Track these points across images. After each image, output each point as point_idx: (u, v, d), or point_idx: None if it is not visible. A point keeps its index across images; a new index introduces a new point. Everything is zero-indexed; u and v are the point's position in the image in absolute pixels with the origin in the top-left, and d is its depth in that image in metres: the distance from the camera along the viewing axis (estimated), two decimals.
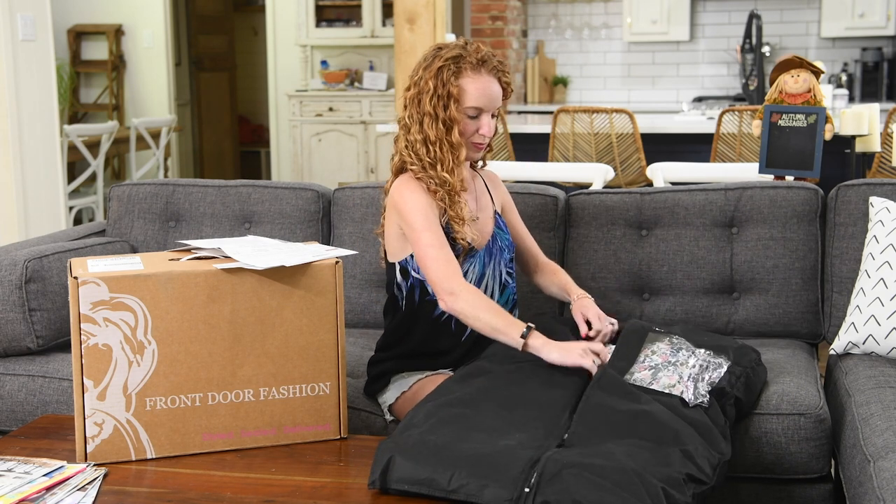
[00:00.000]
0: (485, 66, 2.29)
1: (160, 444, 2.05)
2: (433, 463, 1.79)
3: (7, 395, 2.61)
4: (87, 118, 8.47)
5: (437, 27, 5.65)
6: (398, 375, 2.34)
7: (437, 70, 2.28)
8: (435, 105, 2.28)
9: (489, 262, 2.38)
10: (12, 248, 2.83)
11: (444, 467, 1.77)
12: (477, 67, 2.29)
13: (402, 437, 1.88)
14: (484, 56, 2.30)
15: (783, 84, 3.21)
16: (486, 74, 2.29)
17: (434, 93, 2.28)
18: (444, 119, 2.28)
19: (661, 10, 7.96)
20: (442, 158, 2.30)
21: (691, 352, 2.20)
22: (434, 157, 2.29)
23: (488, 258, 2.38)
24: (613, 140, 5.28)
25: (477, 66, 2.29)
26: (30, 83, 4.73)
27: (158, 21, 8.25)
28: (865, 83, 7.60)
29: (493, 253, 2.38)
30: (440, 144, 2.29)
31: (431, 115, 2.29)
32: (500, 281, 2.39)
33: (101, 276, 1.98)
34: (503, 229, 2.45)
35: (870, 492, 1.85)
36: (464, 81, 2.28)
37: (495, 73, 2.31)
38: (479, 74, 2.29)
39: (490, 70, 2.30)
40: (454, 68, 2.28)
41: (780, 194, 2.78)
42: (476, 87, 2.28)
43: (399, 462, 1.81)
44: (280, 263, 2.07)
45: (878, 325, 2.43)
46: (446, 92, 2.27)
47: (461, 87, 2.28)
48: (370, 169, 7.83)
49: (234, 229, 3.03)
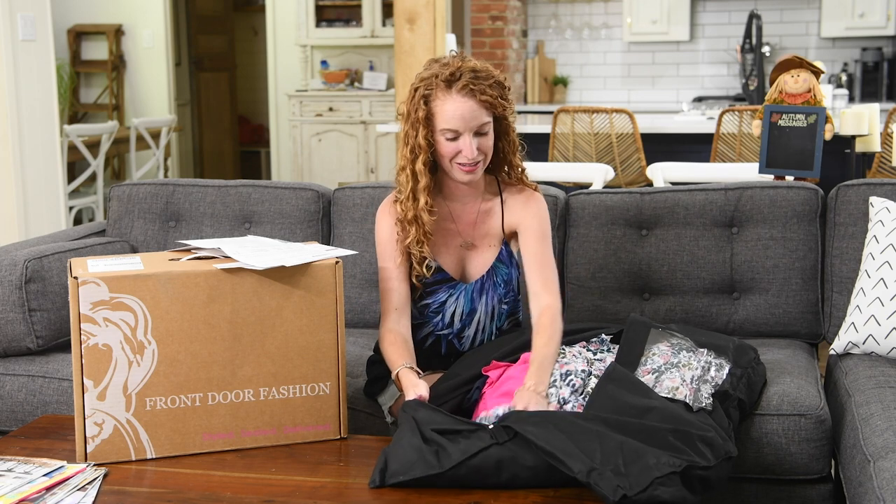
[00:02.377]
0: (455, 86, 2.15)
1: (160, 444, 2.05)
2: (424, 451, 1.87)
3: (7, 395, 2.61)
4: (87, 118, 8.47)
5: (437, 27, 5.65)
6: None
7: (412, 92, 2.20)
8: (408, 130, 2.21)
9: (479, 297, 2.32)
10: (12, 248, 2.83)
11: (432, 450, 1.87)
12: (446, 88, 2.16)
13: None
14: (454, 73, 2.16)
15: (783, 84, 3.22)
16: (456, 94, 2.15)
17: (407, 117, 2.21)
18: (413, 146, 2.20)
19: (661, 10, 7.96)
20: (403, 186, 2.24)
21: (692, 352, 2.20)
22: (399, 184, 2.26)
23: (478, 294, 2.32)
24: (613, 140, 5.28)
25: (446, 86, 2.16)
26: (30, 83, 4.73)
27: (158, 21, 8.25)
28: (865, 83, 7.60)
29: (485, 288, 2.32)
30: (403, 172, 2.24)
31: (404, 141, 2.22)
32: (492, 315, 2.34)
33: (101, 276, 1.98)
34: (505, 262, 2.33)
35: (870, 492, 1.85)
36: (435, 104, 2.18)
37: (469, 93, 2.15)
38: (449, 95, 2.16)
39: (461, 89, 2.15)
40: (424, 91, 2.19)
41: (780, 194, 2.78)
42: (447, 109, 2.16)
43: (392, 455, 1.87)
44: (280, 263, 2.07)
45: (878, 325, 2.43)
46: (417, 116, 2.18)
47: (430, 109, 2.18)
48: (370, 169, 7.83)
49: (234, 229, 3.03)
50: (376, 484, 1.85)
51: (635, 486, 1.72)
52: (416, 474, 1.84)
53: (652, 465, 1.76)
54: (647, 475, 1.74)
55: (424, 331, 2.34)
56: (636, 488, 1.72)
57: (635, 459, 1.77)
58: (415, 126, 2.19)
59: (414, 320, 2.31)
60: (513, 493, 1.82)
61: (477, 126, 2.18)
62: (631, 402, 1.95)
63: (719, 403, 2.06)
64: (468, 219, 2.33)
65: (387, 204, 2.33)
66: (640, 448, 1.80)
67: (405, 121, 2.22)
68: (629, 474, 1.74)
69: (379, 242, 2.32)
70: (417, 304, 2.32)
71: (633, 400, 1.96)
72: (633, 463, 1.76)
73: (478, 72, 2.17)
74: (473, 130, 2.18)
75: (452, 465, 1.83)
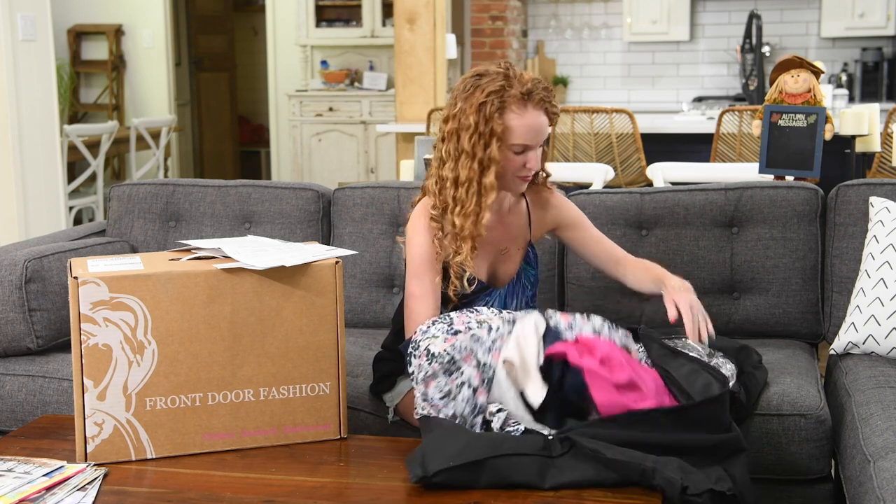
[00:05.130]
0: (531, 100, 2.13)
1: (160, 444, 2.05)
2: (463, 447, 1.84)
3: (7, 395, 2.61)
4: (87, 118, 8.47)
5: (437, 27, 5.65)
6: (403, 376, 2.34)
7: (478, 105, 2.11)
8: (475, 143, 2.12)
9: (511, 301, 2.32)
10: (12, 248, 2.83)
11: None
12: (523, 102, 2.12)
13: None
14: (530, 87, 2.12)
15: (783, 84, 3.21)
16: (532, 109, 2.13)
17: (475, 130, 2.12)
18: (482, 158, 2.12)
19: (661, 10, 7.96)
20: (465, 201, 2.14)
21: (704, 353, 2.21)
22: (456, 199, 2.15)
23: (511, 298, 2.32)
24: (613, 140, 5.28)
25: (523, 100, 2.12)
26: (30, 83, 4.73)
27: (158, 21, 8.25)
28: (865, 83, 7.60)
29: (515, 292, 2.32)
30: (468, 186, 2.14)
31: (469, 154, 2.13)
32: None
33: (101, 276, 1.98)
34: (531, 264, 2.35)
35: (870, 492, 1.85)
36: (508, 117, 2.12)
37: (542, 105, 2.14)
38: (525, 109, 2.12)
39: (537, 103, 2.13)
40: (498, 104, 2.11)
41: (780, 194, 2.78)
42: (522, 124, 2.12)
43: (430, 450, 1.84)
44: (280, 263, 2.07)
45: (878, 325, 2.43)
46: (489, 130, 2.10)
47: (505, 124, 2.12)
48: (370, 169, 7.84)
49: (234, 229, 3.03)
50: (419, 476, 1.80)
51: (699, 485, 1.76)
52: (467, 458, 1.80)
53: (706, 478, 1.79)
54: (704, 483, 1.77)
55: None
56: (700, 487, 1.76)
57: (691, 472, 1.80)
58: (484, 138, 2.11)
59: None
60: (513, 493, 1.82)
61: (543, 139, 2.18)
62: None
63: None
64: (499, 226, 2.31)
65: (422, 217, 2.20)
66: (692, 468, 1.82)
67: (467, 132, 2.12)
68: (688, 477, 1.77)
69: (418, 258, 2.17)
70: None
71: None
72: (691, 474, 1.79)
73: (544, 84, 2.17)
74: (540, 144, 2.17)
75: (505, 452, 1.81)
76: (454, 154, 2.15)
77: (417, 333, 2.04)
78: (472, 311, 2.11)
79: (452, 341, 1.98)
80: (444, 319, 2.06)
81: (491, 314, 2.09)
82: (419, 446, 1.91)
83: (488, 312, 2.11)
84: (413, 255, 2.20)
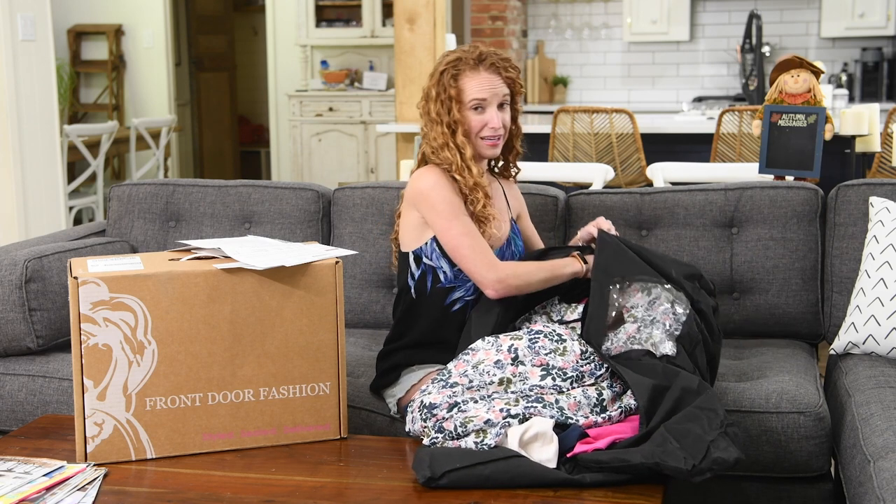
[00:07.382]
0: (483, 64, 2.33)
1: (160, 444, 2.05)
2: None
3: (7, 395, 2.61)
4: (87, 118, 8.47)
5: (437, 27, 5.65)
6: (408, 369, 2.35)
7: (438, 75, 2.35)
8: (439, 110, 2.34)
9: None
10: (12, 248, 2.83)
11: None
12: (475, 66, 2.33)
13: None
14: (482, 54, 2.34)
15: (783, 84, 3.21)
16: (484, 71, 2.33)
17: (437, 98, 2.35)
18: (449, 122, 2.33)
19: (661, 10, 7.96)
20: (451, 160, 2.34)
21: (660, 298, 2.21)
22: (444, 160, 2.34)
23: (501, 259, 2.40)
24: (613, 140, 5.28)
25: (475, 64, 2.33)
26: (30, 83, 4.73)
27: (158, 21, 8.25)
28: (865, 83, 7.60)
29: (505, 257, 2.41)
30: (446, 148, 2.34)
31: (437, 121, 2.35)
32: None
33: (101, 276, 1.98)
34: (517, 235, 2.49)
35: (870, 492, 1.85)
36: (462, 81, 2.33)
37: (495, 70, 2.34)
38: (477, 72, 2.33)
39: (489, 67, 2.33)
40: (453, 71, 2.34)
41: (780, 194, 2.78)
42: (475, 83, 2.32)
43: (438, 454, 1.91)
44: (280, 263, 2.07)
45: (878, 325, 2.43)
46: (447, 96, 2.33)
47: (459, 87, 2.33)
48: (370, 169, 7.84)
49: (234, 229, 3.03)
50: (426, 477, 1.85)
51: (697, 454, 1.81)
52: (475, 459, 1.87)
53: (700, 434, 1.85)
54: (701, 443, 1.83)
55: (454, 295, 2.35)
56: (698, 456, 1.81)
57: (684, 434, 1.85)
58: (446, 104, 2.33)
59: (448, 283, 2.34)
60: (513, 493, 1.82)
61: (501, 98, 2.34)
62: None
63: (684, 348, 2.12)
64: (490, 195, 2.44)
65: (433, 170, 2.34)
66: (682, 428, 1.87)
67: (433, 102, 2.35)
68: (685, 447, 1.82)
69: (447, 202, 2.29)
70: (454, 268, 2.33)
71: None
72: (684, 438, 1.85)
73: (502, 56, 2.38)
74: (498, 102, 2.34)
75: (507, 455, 1.88)
76: (429, 124, 2.37)
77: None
78: (468, 353, 2.13)
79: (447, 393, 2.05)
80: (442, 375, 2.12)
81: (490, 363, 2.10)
82: (425, 449, 1.93)
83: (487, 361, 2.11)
84: (441, 197, 2.31)
